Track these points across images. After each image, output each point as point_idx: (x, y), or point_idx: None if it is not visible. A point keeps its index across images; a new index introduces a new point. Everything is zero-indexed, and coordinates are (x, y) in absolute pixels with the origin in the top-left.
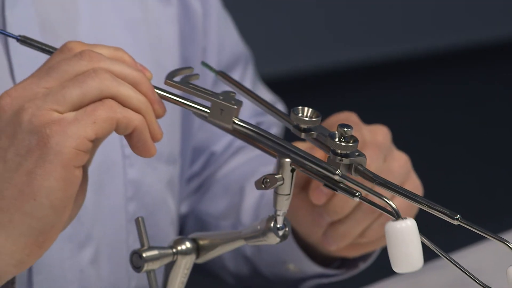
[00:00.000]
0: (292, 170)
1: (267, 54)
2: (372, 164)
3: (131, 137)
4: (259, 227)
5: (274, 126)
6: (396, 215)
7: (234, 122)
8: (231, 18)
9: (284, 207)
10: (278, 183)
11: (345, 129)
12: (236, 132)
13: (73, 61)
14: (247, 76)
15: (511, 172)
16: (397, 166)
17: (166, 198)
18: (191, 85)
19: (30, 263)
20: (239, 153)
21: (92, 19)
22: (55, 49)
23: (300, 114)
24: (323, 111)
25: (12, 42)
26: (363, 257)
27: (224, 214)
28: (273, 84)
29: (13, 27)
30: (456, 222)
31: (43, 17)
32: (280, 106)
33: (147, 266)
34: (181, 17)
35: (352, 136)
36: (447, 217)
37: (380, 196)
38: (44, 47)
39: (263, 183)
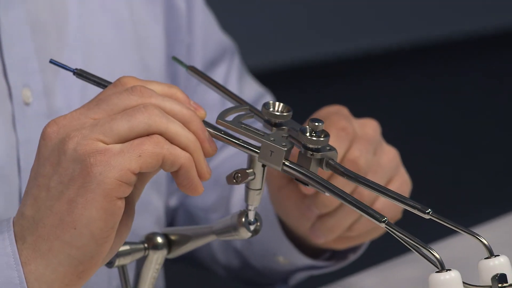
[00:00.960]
0: (263, 165)
1: (253, 46)
2: (362, 157)
3: (177, 174)
4: (230, 222)
5: None
6: (440, 266)
7: (284, 164)
8: (217, 9)
9: (256, 201)
10: (249, 178)
11: (316, 124)
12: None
13: (124, 95)
14: (234, 68)
15: (486, 166)
16: (387, 160)
17: (151, 199)
18: (242, 125)
19: None
20: (229, 145)
21: (81, 19)
22: (109, 82)
23: (271, 109)
24: (312, 104)
25: (5, 42)
26: (353, 249)
27: (214, 207)
28: (261, 76)
29: (6, 29)
30: (427, 216)
31: (34, 18)
32: (269, 98)
33: (119, 261)
34: (166, 15)
35: (323, 131)
36: (418, 211)
37: (427, 248)
38: (99, 80)
39: (234, 178)
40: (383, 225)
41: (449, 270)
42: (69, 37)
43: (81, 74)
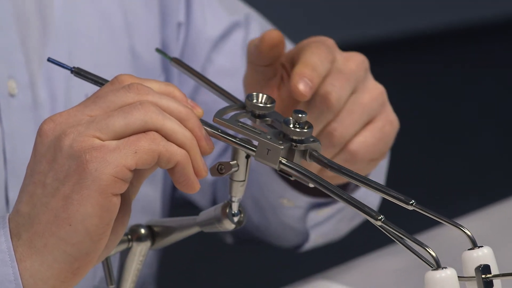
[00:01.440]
0: (247, 157)
1: None
2: (333, 93)
3: (173, 171)
4: (214, 213)
5: None
6: (436, 264)
7: (281, 162)
8: None
9: (239, 193)
10: (233, 169)
11: (300, 115)
12: None
13: (121, 92)
14: (252, 34)
15: (471, 157)
16: (369, 98)
17: (145, 190)
18: (239, 123)
19: None
20: None
21: (65, 9)
22: (106, 81)
23: (254, 100)
24: None
25: None
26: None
27: None
28: None
29: None
30: (410, 208)
31: (19, 9)
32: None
33: None
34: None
35: (306, 122)
36: (402, 202)
37: (419, 243)
38: (96, 79)
39: (218, 169)
40: (379, 223)
41: (445, 268)
42: (54, 28)
43: (78, 72)
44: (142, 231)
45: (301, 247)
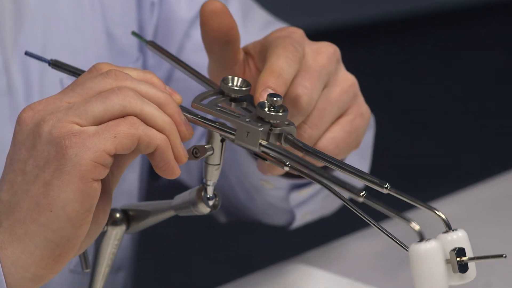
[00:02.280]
0: (222, 140)
1: None
2: (304, 96)
3: (153, 156)
4: (189, 197)
5: None
6: (420, 237)
7: (261, 145)
8: None
9: (214, 177)
10: (208, 153)
11: (275, 99)
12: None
13: (98, 78)
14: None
15: (445, 140)
16: (339, 91)
17: None
18: (218, 108)
19: (47, 278)
20: None
21: None
22: (84, 71)
23: (230, 84)
24: None
25: None
26: None
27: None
28: None
29: None
30: (385, 191)
31: None
32: (279, 25)
33: None
34: None
35: (281, 106)
36: (376, 186)
37: (403, 217)
38: (74, 70)
39: (193, 153)
40: (361, 199)
41: (429, 240)
42: (29, 12)
43: (56, 64)
44: (117, 215)
45: (291, 225)
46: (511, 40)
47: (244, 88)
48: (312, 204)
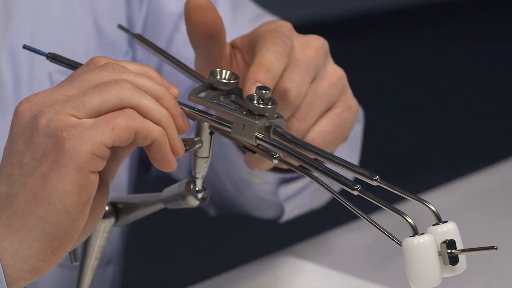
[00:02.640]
0: (211, 133)
1: None
2: (293, 89)
3: (150, 149)
4: (178, 190)
5: None
6: (414, 230)
7: (257, 137)
8: None
9: (203, 170)
10: (197, 146)
11: (263, 91)
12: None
13: (96, 71)
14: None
15: (436, 132)
16: (327, 85)
17: None
18: (215, 101)
19: (45, 270)
20: None
21: None
22: (82, 65)
23: (218, 77)
24: None
25: None
26: None
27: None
28: None
29: None
30: (375, 183)
31: None
32: (268, 18)
33: None
34: None
35: (270, 98)
36: (366, 178)
37: (396, 211)
38: (72, 63)
39: None
40: (355, 192)
41: (423, 234)
42: (18, 6)
43: (54, 57)
44: (106, 207)
45: (280, 218)
46: (502, 30)
47: (232, 81)
48: (301, 197)
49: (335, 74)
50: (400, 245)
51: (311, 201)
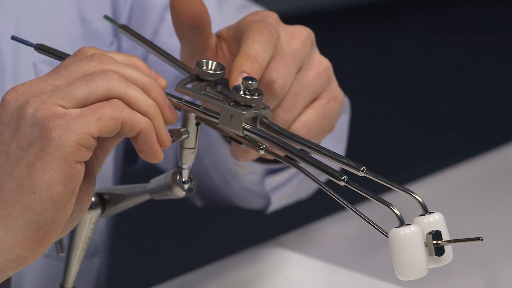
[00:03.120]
0: (197, 124)
1: None
2: (278, 80)
3: (137, 140)
4: (164, 181)
5: None
6: (400, 221)
7: (244, 128)
8: None
9: (190, 160)
10: (183, 136)
11: (250, 82)
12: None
13: (83, 62)
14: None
15: (421, 122)
16: (313, 75)
17: None
18: (202, 92)
19: (30, 259)
20: None
21: None
22: (70, 55)
23: (204, 67)
24: None
25: None
26: None
27: None
28: None
29: None
30: (361, 174)
31: None
32: (254, 8)
33: None
34: None
35: (256, 89)
36: (352, 168)
37: (383, 201)
38: (60, 54)
39: None
40: (342, 183)
41: (409, 224)
42: None
43: (42, 48)
44: (92, 198)
45: (266, 209)
46: (488, 21)
47: (218, 72)
48: (287, 188)
49: (321, 64)
50: (387, 236)
51: (297, 192)
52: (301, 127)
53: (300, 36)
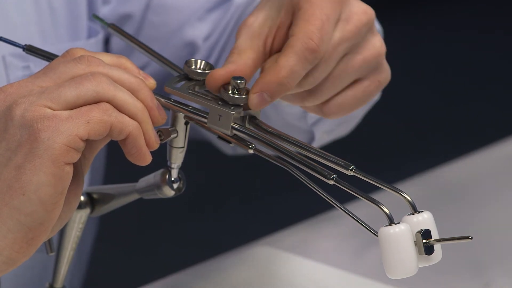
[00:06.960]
0: (186, 123)
1: None
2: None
3: (125, 143)
4: (153, 180)
5: None
6: (389, 220)
7: (233, 128)
8: None
9: (179, 159)
10: (172, 136)
11: (238, 81)
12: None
13: (71, 63)
14: None
15: (411, 120)
16: (359, 60)
17: None
18: (190, 92)
19: (20, 261)
20: None
21: None
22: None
23: (193, 67)
24: None
25: None
26: None
27: None
28: None
29: None
30: (350, 173)
31: None
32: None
33: None
34: None
35: (245, 88)
36: (341, 168)
37: (372, 200)
38: (48, 55)
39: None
40: (331, 182)
41: (398, 223)
42: None
43: (30, 49)
44: (82, 198)
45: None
46: (478, 19)
47: (207, 71)
48: (330, 122)
49: (371, 49)
50: (376, 236)
51: (338, 127)
52: (335, 110)
53: (356, 23)
